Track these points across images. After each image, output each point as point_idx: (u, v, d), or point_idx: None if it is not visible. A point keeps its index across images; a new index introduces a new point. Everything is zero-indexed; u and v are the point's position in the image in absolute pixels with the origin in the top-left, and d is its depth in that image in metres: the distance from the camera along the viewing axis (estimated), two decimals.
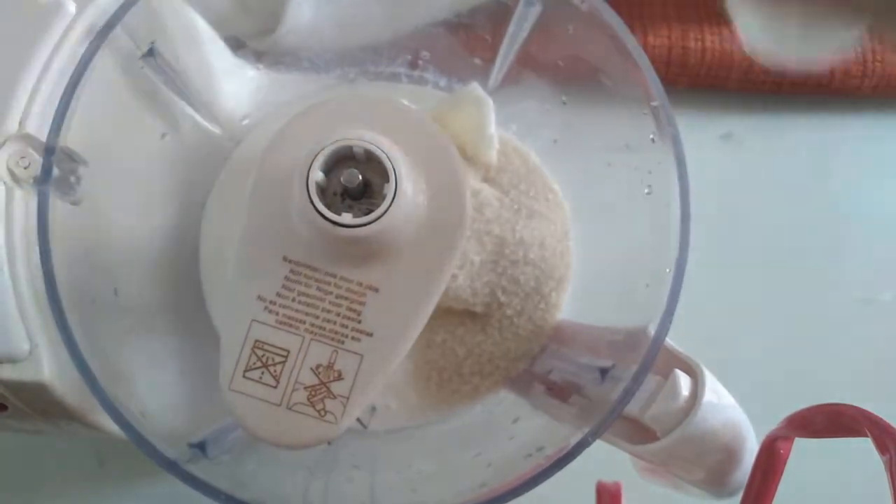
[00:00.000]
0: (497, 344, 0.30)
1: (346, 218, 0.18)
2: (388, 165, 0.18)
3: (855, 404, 0.23)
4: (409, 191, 0.19)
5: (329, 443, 0.27)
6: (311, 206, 0.18)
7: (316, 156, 0.18)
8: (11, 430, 0.27)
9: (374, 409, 0.30)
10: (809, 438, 0.23)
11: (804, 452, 0.23)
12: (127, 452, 0.35)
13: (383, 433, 0.30)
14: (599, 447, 0.31)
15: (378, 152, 0.18)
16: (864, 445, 0.21)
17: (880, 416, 0.21)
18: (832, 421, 0.23)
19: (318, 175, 0.18)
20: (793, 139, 0.41)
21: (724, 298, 0.38)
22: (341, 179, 0.18)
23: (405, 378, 0.30)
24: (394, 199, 0.18)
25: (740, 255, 0.39)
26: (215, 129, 0.30)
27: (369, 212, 0.19)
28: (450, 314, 0.30)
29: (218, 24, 0.30)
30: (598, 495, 0.30)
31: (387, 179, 0.18)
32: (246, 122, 0.32)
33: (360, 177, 0.18)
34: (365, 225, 0.18)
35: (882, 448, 0.20)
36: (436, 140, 0.20)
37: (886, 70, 0.40)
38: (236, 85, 0.30)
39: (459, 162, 0.21)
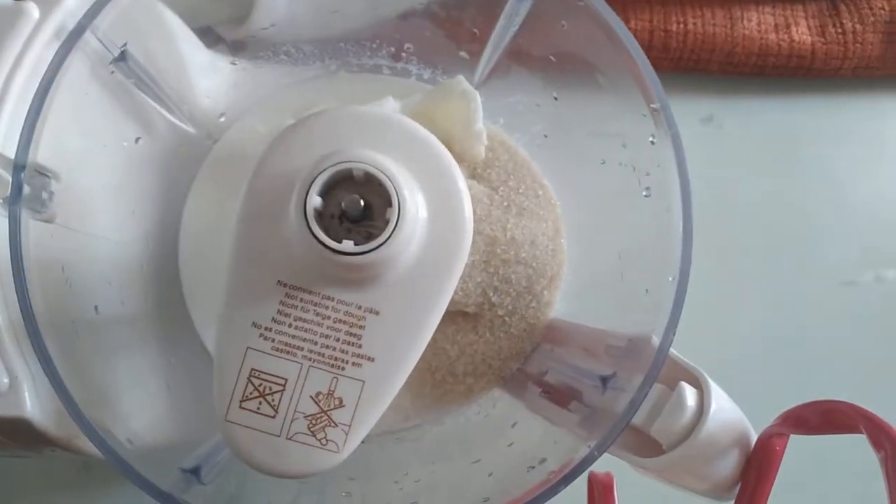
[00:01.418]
0: (489, 343, 0.29)
1: (348, 245, 0.17)
2: (392, 190, 0.17)
3: (842, 390, 0.23)
4: (411, 212, 0.18)
5: None
6: (310, 234, 0.17)
7: (313, 181, 0.17)
8: None
9: None
10: (804, 435, 0.23)
11: (800, 450, 0.23)
12: None
13: (377, 436, 0.29)
14: None
15: (380, 176, 0.17)
16: (860, 442, 0.21)
17: (874, 411, 0.22)
18: (827, 418, 0.23)
19: (315, 201, 0.17)
20: (774, 121, 0.41)
21: (704, 286, 0.38)
22: (342, 205, 0.17)
23: None
24: (396, 224, 0.17)
25: (719, 240, 0.39)
26: (191, 129, 0.29)
27: (369, 235, 0.18)
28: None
29: (191, 14, 0.28)
30: (590, 486, 0.30)
31: (389, 202, 0.17)
32: (223, 119, 0.30)
33: (361, 202, 0.17)
34: (368, 252, 0.17)
35: (877, 444, 0.20)
36: (437, 158, 0.19)
37: (867, 51, 0.40)
38: (212, 82, 0.29)
39: (462, 180, 0.20)
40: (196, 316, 0.29)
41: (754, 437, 0.22)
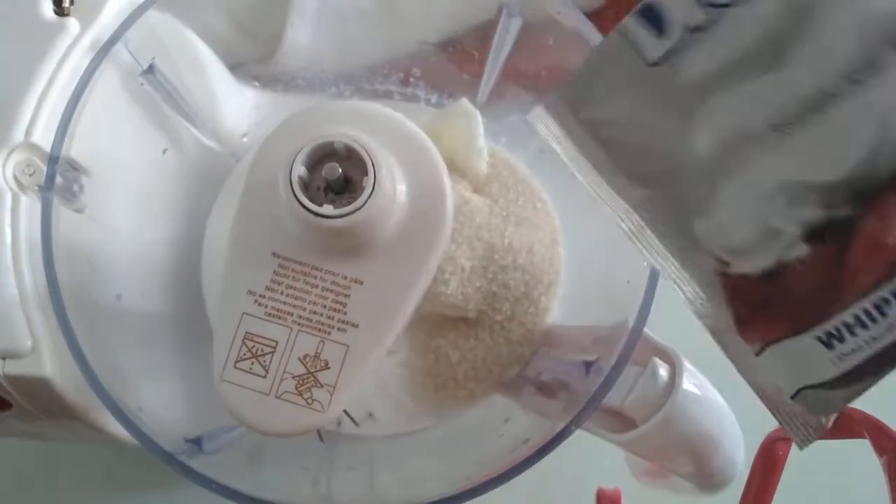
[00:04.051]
0: (489, 348, 0.30)
1: (327, 209, 0.19)
2: (367, 159, 0.19)
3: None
4: (388, 184, 0.20)
5: (322, 439, 0.28)
6: (294, 199, 0.19)
7: (299, 151, 0.19)
8: (16, 435, 0.28)
9: (370, 414, 0.30)
10: None
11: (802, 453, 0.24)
12: (134, 464, 0.37)
13: (381, 438, 0.30)
14: (602, 455, 0.31)
15: (357, 147, 0.19)
16: (862, 447, 0.21)
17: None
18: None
19: (300, 170, 0.19)
20: None
21: None
22: (322, 173, 0.19)
23: (402, 385, 0.31)
24: (373, 190, 0.19)
25: None
26: (216, 146, 0.31)
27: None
28: (444, 320, 0.31)
29: (219, 51, 0.31)
30: (598, 501, 0.30)
31: (366, 173, 0.19)
32: (246, 139, 0.33)
33: (340, 170, 0.19)
34: (345, 216, 0.19)
35: (880, 449, 0.20)
36: (416, 140, 0.21)
37: None
38: (235, 103, 0.32)
39: (440, 161, 0.22)
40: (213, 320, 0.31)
41: (731, 416, 0.23)
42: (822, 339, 0.14)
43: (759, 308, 0.15)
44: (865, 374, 0.15)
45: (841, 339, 0.14)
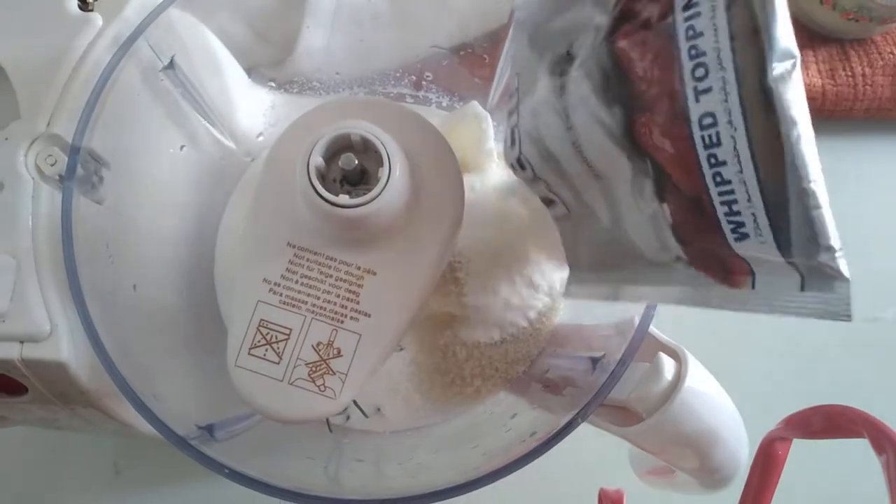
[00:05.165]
0: (496, 347, 0.31)
1: (343, 199, 0.20)
2: (382, 150, 0.20)
3: None
4: (402, 175, 0.20)
5: (331, 430, 0.28)
6: (311, 189, 0.20)
7: (317, 142, 0.20)
8: (31, 422, 0.28)
9: (378, 409, 0.31)
10: (807, 439, 0.24)
11: (802, 453, 0.24)
12: (141, 461, 0.37)
13: (391, 433, 0.31)
14: (604, 457, 0.32)
15: (373, 139, 0.20)
16: (861, 446, 0.21)
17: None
18: (830, 422, 0.23)
19: (317, 160, 0.20)
20: None
21: (729, 316, 0.39)
22: (339, 164, 0.20)
23: (410, 382, 0.31)
24: (388, 181, 0.20)
25: None
26: (232, 144, 0.32)
27: None
28: (452, 318, 0.31)
29: (236, 54, 0.32)
30: (600, 502, 0.30)
31: (381, 164, 0.20)
32: (261, 138, 0.33)
33: (357, 161, 0.20)
34: (360, 205, 0.19)
35: (879, 448, 0.21)
36: (430, 135, 0.22)
37: (878, 93, 0.42)
38: (251, 103, 0.32)
39: (454, 156, 0.22)
40: (226, 315, 0.32)
41: (735, 412, 0.23)
42: (734, 237, 0.17)
43: (720, 262, 0.18)
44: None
45: (744, 236, 0.17)
